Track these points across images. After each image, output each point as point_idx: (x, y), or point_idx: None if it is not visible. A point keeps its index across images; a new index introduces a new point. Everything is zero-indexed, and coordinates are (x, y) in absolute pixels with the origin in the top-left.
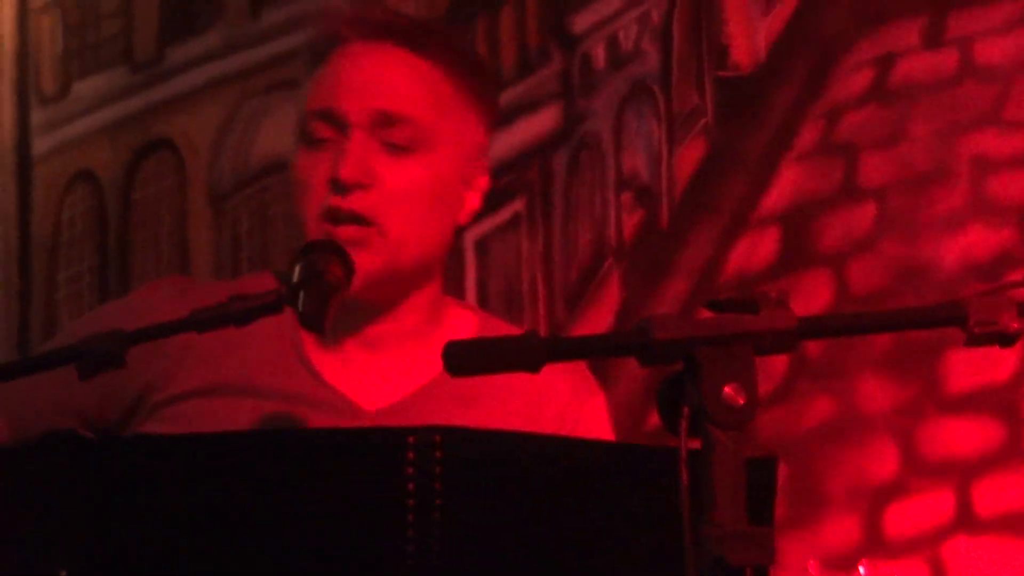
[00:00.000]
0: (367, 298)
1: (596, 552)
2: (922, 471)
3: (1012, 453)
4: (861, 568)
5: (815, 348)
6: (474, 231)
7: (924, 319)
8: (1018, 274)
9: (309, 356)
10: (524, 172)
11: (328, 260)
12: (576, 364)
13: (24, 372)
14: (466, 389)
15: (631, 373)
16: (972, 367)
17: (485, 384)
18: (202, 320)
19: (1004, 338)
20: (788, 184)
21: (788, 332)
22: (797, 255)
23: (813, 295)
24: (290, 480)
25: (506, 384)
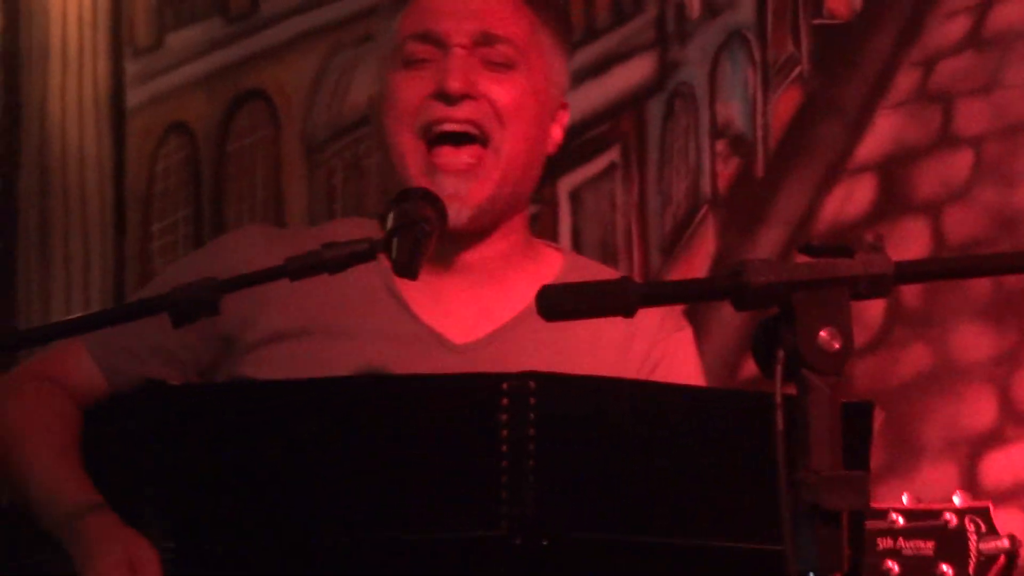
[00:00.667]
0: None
1: (690, 498)
2: (1019, 420)
3: None
4: (956, 497)
5: (912, 297)
6: (568, 181)
7: (1022, 264)
8: None
9: (400, 290)
10: (618, 121)
11: (421, 207)
12: None
13: (119, 320)
14: (555, 323)
15: (725, 322)
16: None
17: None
18: (296, 268)
19: None
20: (884, 132)
21: (884, 276)
22: (893, 203)
23: (909, 244)
24: (384, 426)
25: (592, 320)
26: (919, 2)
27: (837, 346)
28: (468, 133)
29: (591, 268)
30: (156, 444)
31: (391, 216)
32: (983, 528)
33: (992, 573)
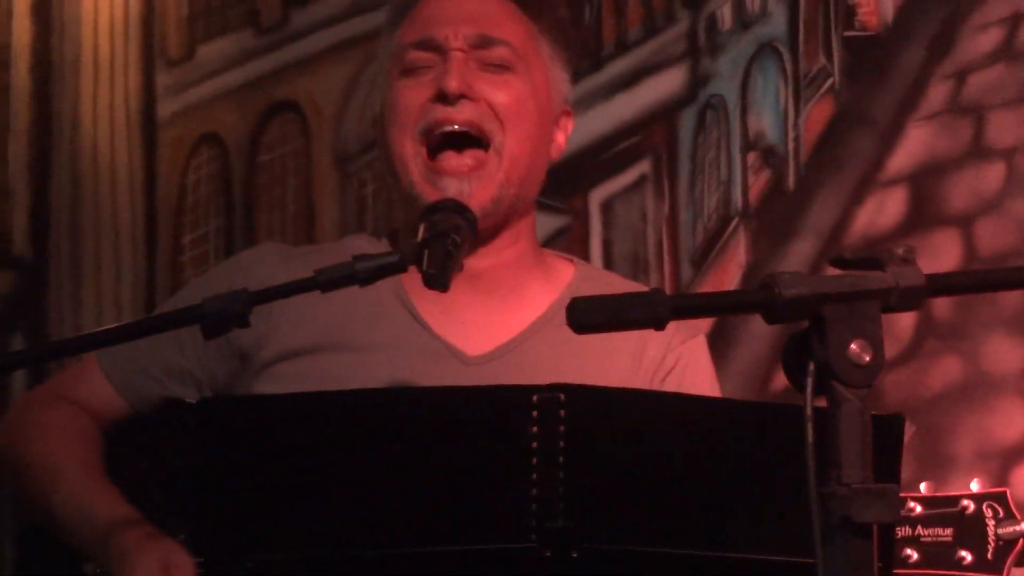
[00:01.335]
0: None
1: (720, 510)
2: None
3: None
4: (973, 484)
5: (943, 309)
6: (600, 193)
7: None
8: None
9: (412, 303)
10: (650, 134)
11: (453, 219)
12: None
13: (149, 332)
14: (566, 332)
15: (756, 334)
16: None
17: None
18: (326, 280)
19: None
20: (916, 144)
21: (915, 289)
22: (924, 215)
23: (940, 255)
24: (414, 438)
25: None
26: (951, 14)
27: (868, 359)
28: (469, 134)
29: (604, 278)
30: (185, 459)
31: (421, 227)
32: (1001, 513)
33: (1011, 558)
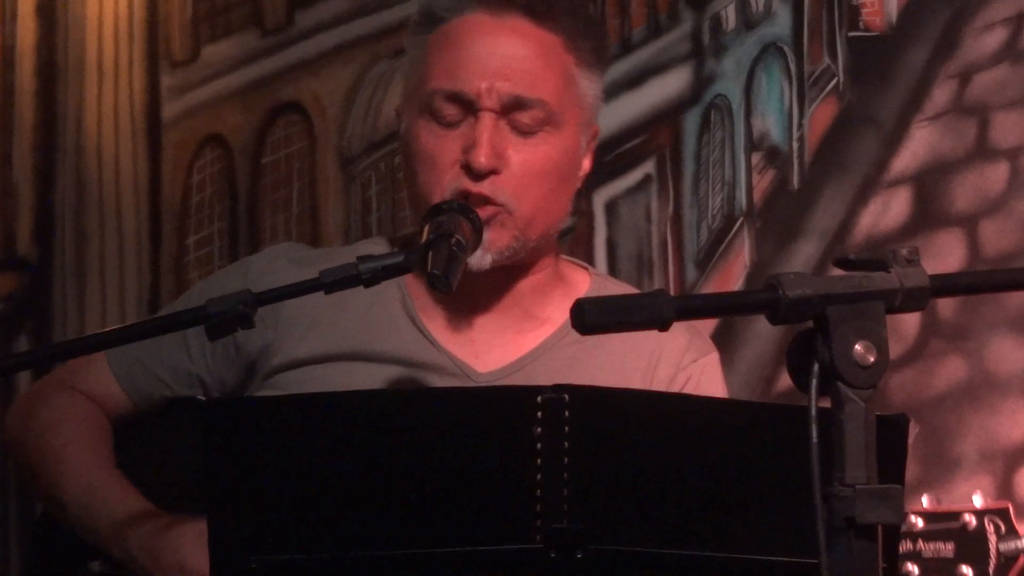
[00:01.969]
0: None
1: (725, 511)
2: None
3: None
4: (975, 498)
5: (947, 309)
6: (604, 193)
7: None
8: None
9: (421, 319)
10: (654, 134)
11: (457, 221)
12: (691, 323)
13: (154, 333)
14: (577, 350)
15: (760, 335)
16: None
17: (596, 346)
18: (330, 281)
19: None
20: (920, 145)
21: (920, 289)
22: (929, 216)
23: (945, 256)
24: (418, 438)
25: (617, 346)
26: (955, 14)
27: (872, 360)
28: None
29: (619, 290)
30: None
31: (426, 229)
32: (1003, 528)
33: (1012, 573)
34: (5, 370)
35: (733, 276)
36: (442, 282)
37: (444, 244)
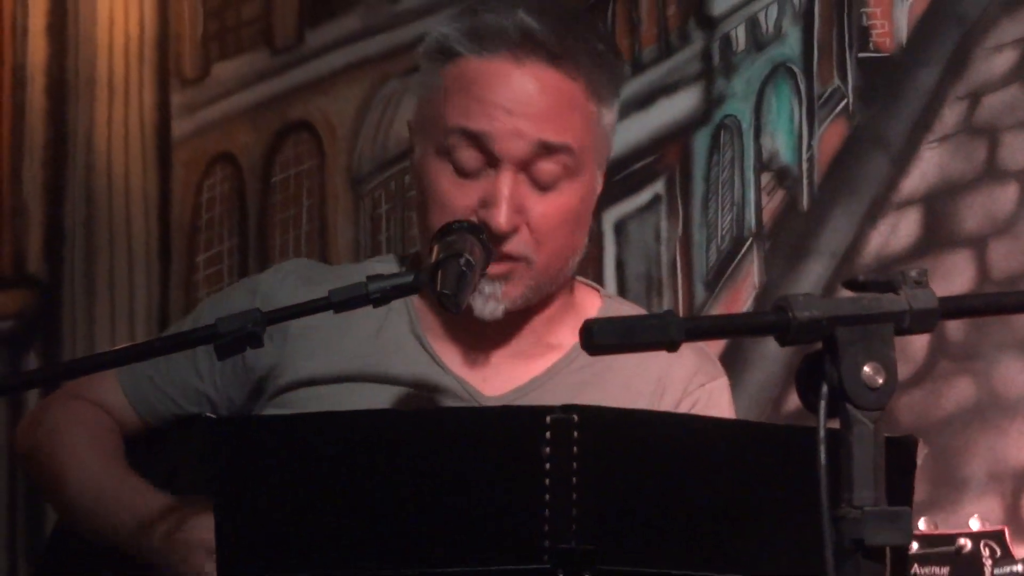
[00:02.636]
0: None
1: (733, 532)
2: None
3: None
4: (972, 522)
5: (956, 331)
6: (613, 213)
7: None
8: None
9: (430, 342)
10: (664, 154)
11: (467, 240)
12: (700, 347)
13: (162, 351)
14: (586, 375)
15: (769, 356)
16: None
17: (605, 371)
18: (339, 300)
19: None
20: (929, 166)
21: (928, 311)
22: (938, 237)
23: (954, 277)
24: (427, 458)
25: (625, 370)
26: (965, 36)
27: (881, 381)
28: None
29: (630, 311)
30: (201, 476)
31: (435, 249)
32: (998, 552)
33: None
34: (14, 388)
35: (742, 297)
36: (451, 301)
37: (454, 264)
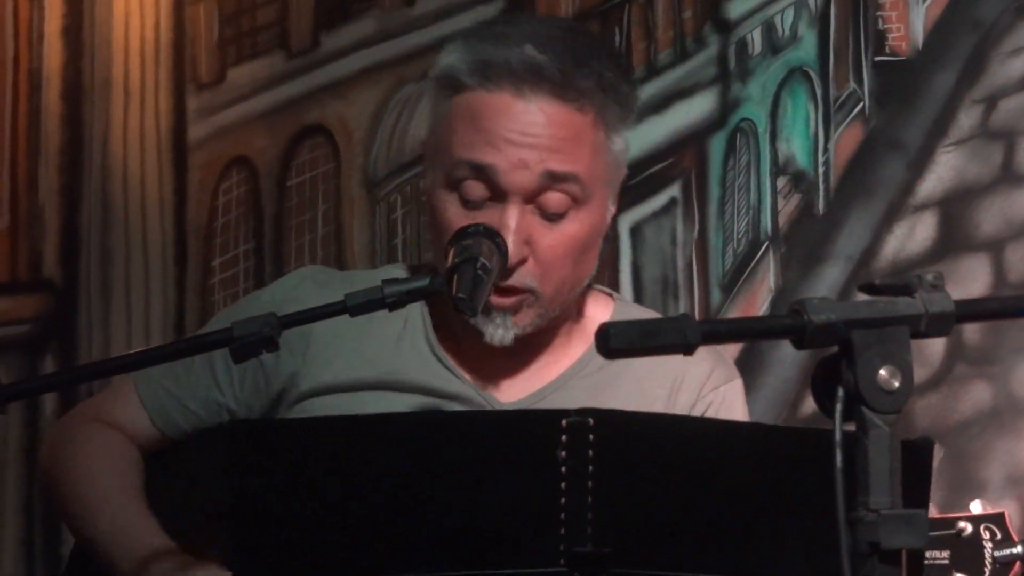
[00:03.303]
0: None
1: (749, 535)
2: None
3: None
4: (973, 505)
5: (973, 334)
6: (629, 217)
7: None
8: None
9: (445, 352)
10: (680, 158)
11: (483, 245)
12: (715, 349)
13: (178, 355)
14: (600, 379)
15: (785, 359)
16: None
17: (618, 375)
18: (355, 304)
19: None
20: (946, 169)
21: (944, 315)
22: (954, 241)
23: (970, 281)
24: (443, 462)
25: (639, 373)
26: (982, 40)
27: (897, 385)
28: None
29: (643, 315)
30: (216, 483)
31: (451, 253)
32: (998, 535)
33: None
34: (31, 392)
35: (758, 300)
36: (467, 306)
37: (469, 268)
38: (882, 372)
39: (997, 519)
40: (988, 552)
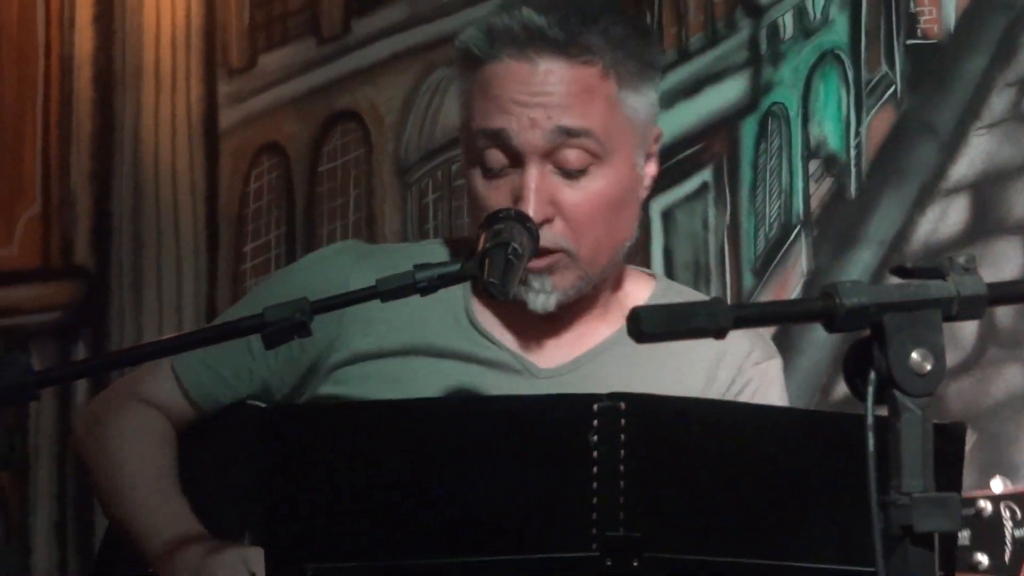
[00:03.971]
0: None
1: (781, 519)
2: None
3: None
4: (993, 483)
5: (1005, 317)
6: (661, 201)
7: None
8: None
9: (484, 319)
10: (711, 142)
11: (514, 229)
12: (757, 330)
13: (211, 341)
14: (638, 351)
15: (817, 343)
16: None
17: (659, 346)
18: (387, 290)
19: None
20: (978, 152)
21: (976, 298)
22: (986, 224)
23: (1003, 264)
24: (475, 446)
25: (679, 348)
26: (1013, 22)
27: (929, 368)
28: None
29: (683, 293)
30: (248, 466)
31: (483, 237)
32: (1019, 515)
33: None
34: (63, 379)
35: (790, 284)
36: (499, 290)
37: (500, 252)
38: (914, 355)
39: (1019, 498)
40: (1009, 531)
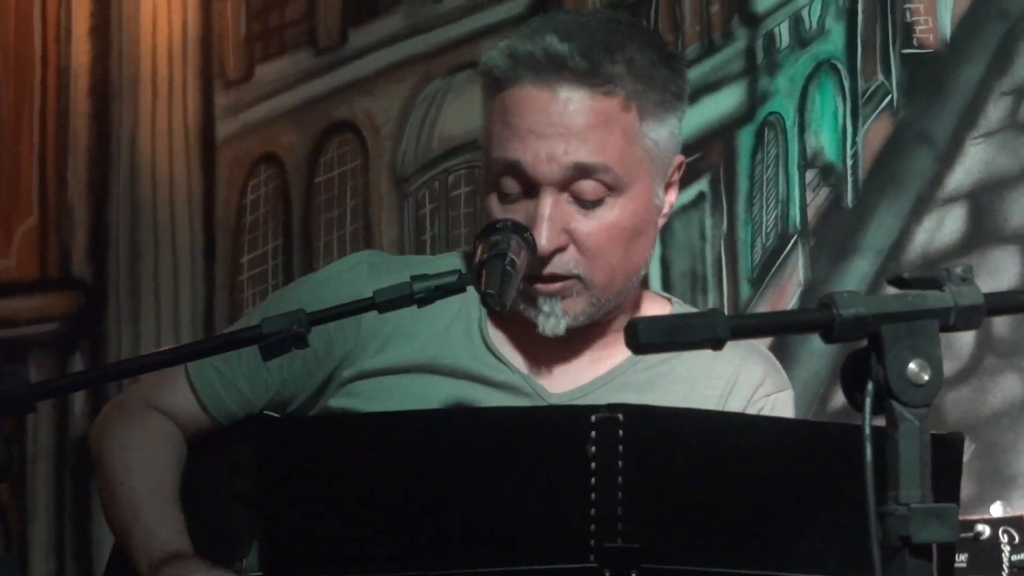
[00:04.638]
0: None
1: (779, 530)
2: None
3: None
4: (993, 508)
5: (1002, 327)
6: None
7: None
8: None
9: (497, 340)
10: (708, 152)
11: (511, 239)
12: (769, 356)
13: (208, 353)
14: (651, 375)
15: (815, 353)
16: None
17: (670, 374)
18: (384, 301)
19: None
20: (974, 161)
21: (974, 308)
22: (983, 233)
23: (1000, 273)
24: (473, 458)
25: (692, 373)
26: (1009, 31)
27: (926, 378)
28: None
29: None
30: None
31: (480, 248)
32: (1016, 539)
33: None
34: (60, 390)
35: (787, 294)
36: (496, 301)
37: (498, 263)
38: (911, 366)
39: (1016, 523)
40: (1006, 556)
